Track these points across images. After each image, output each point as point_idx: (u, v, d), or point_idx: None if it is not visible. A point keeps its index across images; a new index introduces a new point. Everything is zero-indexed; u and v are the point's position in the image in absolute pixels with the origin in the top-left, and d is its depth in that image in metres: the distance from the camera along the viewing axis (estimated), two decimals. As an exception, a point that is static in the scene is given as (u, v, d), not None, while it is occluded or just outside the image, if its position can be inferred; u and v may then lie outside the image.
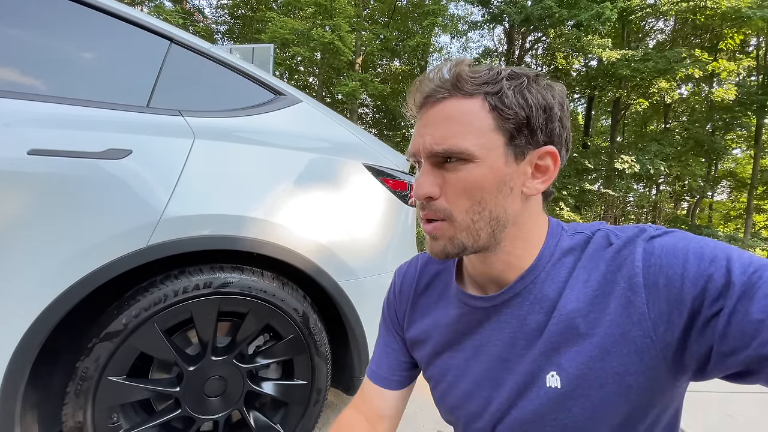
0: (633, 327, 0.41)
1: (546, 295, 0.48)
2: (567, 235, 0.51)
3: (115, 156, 1.00)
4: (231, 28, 15.54)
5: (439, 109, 0.46)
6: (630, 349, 0.41)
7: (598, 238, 0.48)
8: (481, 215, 0.45)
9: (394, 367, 0.65)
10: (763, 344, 0.33)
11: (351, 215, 1.35)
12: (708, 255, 0.39)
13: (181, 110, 1.16)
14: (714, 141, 12.37)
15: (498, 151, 0.45)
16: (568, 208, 11.90)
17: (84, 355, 0.97)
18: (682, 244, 0.41)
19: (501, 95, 0.44)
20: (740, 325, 0.35)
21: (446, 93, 0.45)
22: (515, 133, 0.45)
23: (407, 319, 0.63)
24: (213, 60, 1.29)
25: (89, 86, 1.13)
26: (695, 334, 0.38)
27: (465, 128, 0.44)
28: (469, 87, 0.45)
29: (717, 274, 0.37)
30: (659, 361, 0.40)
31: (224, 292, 1.09)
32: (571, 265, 0.48)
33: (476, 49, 15.58)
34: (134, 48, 1.21)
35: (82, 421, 0.97)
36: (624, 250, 0.44)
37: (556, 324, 0.46)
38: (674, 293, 0.39)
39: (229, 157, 1.18)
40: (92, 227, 0.96)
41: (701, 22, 11.01)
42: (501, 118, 0.44)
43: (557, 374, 0.45)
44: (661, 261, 0.41)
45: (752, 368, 0.35)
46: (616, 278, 0.43)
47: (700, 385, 1.99)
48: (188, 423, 1.11)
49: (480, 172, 0.44)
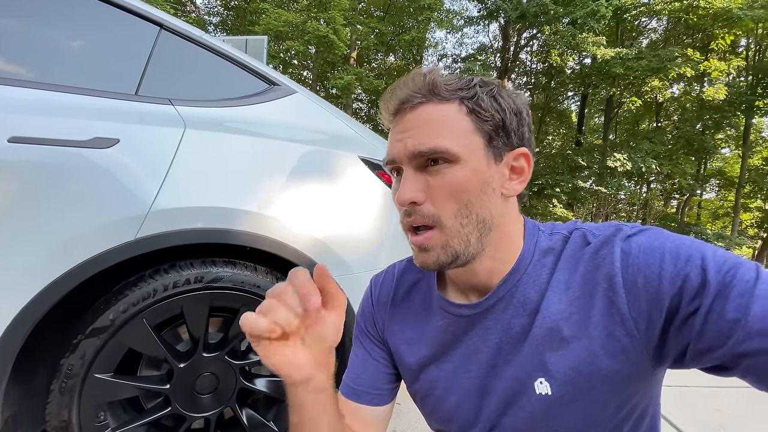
0: (617, 327, 0.42)
1: (529, 297, 0.48)
2: (544, 235, 0.51)
3: (102, 145, 0.96)
4: (224, 19, 15.29)
5: (417, 114, 0.46)
6: (616, 348, 0.42)
7: (576, 238, 0.48)
8: (469, 219, 0.45)
9: (376, 380, 0.60)
10: (738, 343, 0.35)
11: (346, 209, 1.32)
12: (684, 254, 0.40)
13: (172, 99, 1.12)
14: (704, 140, 12.54)
15: (479, 153, 0.45)
16: (561, 205, 12.00)
17: (69, 351, 0.94)
18: (658, 243, 0.42)
19: (477, 99, 0.45)
20: (716, 324, 0.36)
21: (423, 98, 0.45)
22: (493, 135, 0.46)
23: (387, 329, 0.60)
24: (205, 48, 1.25)
25: (75, 72, 1.08)
26: (673, 331, 0.39)
27: (446, 130, 0.44)
28: (444, 92, 0.45)
29: (693, 273, 0.38)
30: (643, 356, 0.42)
31: (216, 287, 1.06)
32: (551, 266, 0.48)
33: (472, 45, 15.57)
34: (122, 34, 1.16)
35: (67, 419, 0.94)
36: (602, 249, 0.45)
37: (539, 327, 0.46)
38: (653, 293, 0.40)
39: (222, 148, 1.14)
40: (77, 219, 0.92)
41: (694, 22, 11.11)
42: (479, 121, 0.45)
43: (546, 380, 0.45)
44: (639, 261, 0.41)
45: (727, 364, 0.37)
46: (596, 278, 0.44)
47: (689, 380, 2.01)
48: (179, 421, 1.08)
49: (464, 174, 0.44)
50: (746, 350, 0.35)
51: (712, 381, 2.01)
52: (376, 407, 0.59)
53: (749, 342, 0.34)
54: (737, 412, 1.77)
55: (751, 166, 13.99)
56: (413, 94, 0.46)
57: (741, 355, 0.35)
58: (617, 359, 0.42)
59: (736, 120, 12.18)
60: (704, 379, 2.06)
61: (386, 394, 0.60)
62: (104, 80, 1.08)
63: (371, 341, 0.62)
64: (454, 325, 0.53)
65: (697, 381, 2.03)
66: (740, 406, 1.83)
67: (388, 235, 1.40)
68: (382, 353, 0.61)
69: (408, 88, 0.46)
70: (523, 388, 0.47)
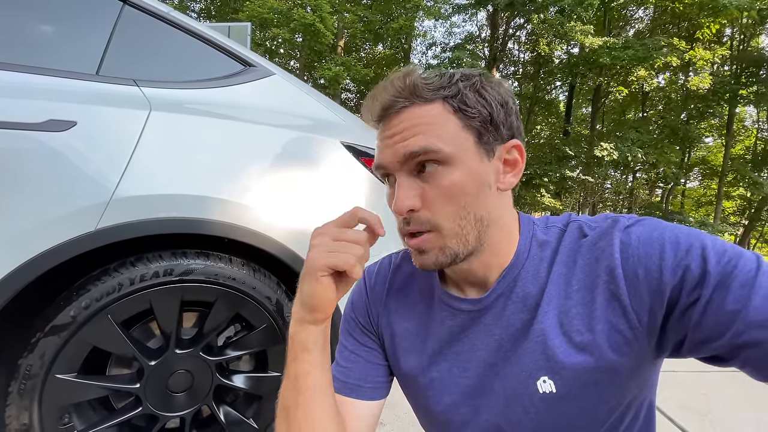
0: (619, 320, 0.41)
1: (529, 292, 0.47)
2: (540, 228, 0.50)
3: (57, 128, 0.88)
4: (206, 6, 14.86)
5: (403, 117, 0.44)
6: (620, 341, 0.41)
7: (572, 231, 0.48)
8: (467, 219, 0.44)
9: (368, 372, 0.57)
10: (738, 334, 0.34)
11: (328, 197, 1.26)
12: (684, 244, 0.39)
13: (136, 80, 1.05)
14: (688, 129, 12.71)
15: (471, 151, 0.44)
16: (549, 194, 12.10)
17: (27, 351, 0.87)
18: (657, 234, 0.41)
19: (461, 96, 0.44)
20: (716, 315, 0.36)
21: (406, 102, 0.44)
22: (482, 131, 0.45)
23: (382, 320, 0.58)
24: (173, 26, 1.17)
25: (30, 51, 1.00)
26: (673, 321, 0.39)
27: (435, 130, 0.43)
28: (427, 93, 0.44)
29: (694, 264, 0.38)
30: (645, 347, 0.41)
31: (187, 280, 1.00)
32: (549, 260, 0.47)
33: (460, 35, 15.41)
34: (82, 8, 1.07)
35: (28, 423, 0.87)
36: (600, 241, 0.44)
37: (541, 322, 0.45)
38: (654, 283, 0.39)
39: (191, 132, 1.07)
40: (31, 208, 0.85)
41: (680, 11, 11.18)
42: (466, 118, 0.44)
43: (549, 378, 0.44)
44: (639, 252, 0.41)
45: (725, 355, 0.37)
46: (596, 271, 0.43)
47: (675, 364, 2.03)
48: (151, 421, 1.02)
49: (460, 175, 0.43)
50: (745, 341, 0.34)
51: (698, 365, 2.03)
52: (369, 401, 0.56)
53: (748, 333, 0.34)
54: (724, 396, 1.79)
55: (734, 154, 14.27)
56: (395, 99, 0.44)
57: (740, 346, 0.35)
58: (621, 352, 0.41)
59: (719, 109, 12.37)
60: (690, 364, 2.08)
61: (379, 388, 0.57)
62: (62, 59, 1.00)
63: (363, 332, 0.59)
64: (453, 320, 0.51)
65: (684, 366, 2.05)
66: (727, 390, 1.85)
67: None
68: (375, 345, 0.58)
69: (389, 92, 0.45)
70: (525, 388, 0.45)
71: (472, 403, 0.50)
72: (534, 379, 0.45)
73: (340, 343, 0.60)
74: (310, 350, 0.46)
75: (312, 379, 0.46)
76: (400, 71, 0.46)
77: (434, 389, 0.52)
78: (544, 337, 0.44)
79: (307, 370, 0.45)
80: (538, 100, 15.57)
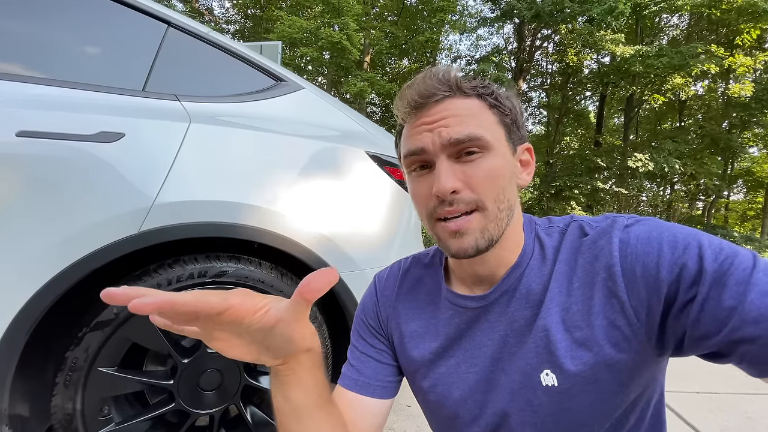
0: (617, 316, 0.42)
1: (532, 290, 0.48)
2: (542, 228, 0.52)
3: (107, 139, 0.96)
4: (241, 27, 15.63)
5: (444, 107, 0.46)
6: (618, 338, 0.42)
7: (573, 230, 0.49)
8: (504, 204, 0.47)
9: (379, 372, 0.59)
10: (734, 330, 0.35)
11: (353, 205, 1.30)
12: (681, 243, 0.40)
13: (178, 95, 1.13)
14: (730, 139, 12.05)
15: (504, 143, 0.48)
16: (580, 207, 11.72)
17: (74, 344, 0.94)
18: (656, 233, 0.42)
19: (495, 95, 0.48)
20: (713, 312, 0.36)
21: (447, 92, 0.47)
22: (511, 127, 0.49)
23: (392, 322, 0.60)
24: (212, 45, 1.26)
25: (84, 70, 1.10)
26: (672, 318, 0.40)
27: (476, 120, 0.46)
28: (466, 88, 0.47)
29: (690, 261, 0.39)
30: (646, 345, 0.42)
31: (220, 281, 1.05)
32: (552, 259, 0.49)
33: (486, 47, 15.42)
34: (131, 31, 1.17)
35: (72, 413, 0.94)
36: (600, 240, 0.46)
37: (544, 318, 0.46)
38: (651, 281, 0.40)
39: (227, 143, 1.13)
40: (82, 212, 0.92)
41: (717, 17, 10.73)
42: (501, 114, 0.48)
43: (552, 372, 0.45)
44: (637, 250, 0.42)
45: (723, 351, 0.37)
46: (595, 269, 0.45)
47: (717, 386, 1.90)
48: (183, 417, 1.07)
49: (498, 161, 0.46)
50: (742, 337, 0.35)
51: (741, 387, 1.91)
52: (379, 399, 0.57)
53: (744, 329, 0.35)
54: (770, 420, 1.66)
55: (782, 165, 13.37)
56: (437, 89, 0.46)
57: (736, 342, 0.35)
58: (620, 348, 0.42)
59: (763, 118, 11.67)
60: (733, 385, 1.95)
61: (389, 388, 0.59)
62: (112, 77, 1.10)
63: (373, 335, 0.61)
64: (459, 317, 0.53)
65: (726, 387, 1.92)
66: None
67: (395, 231, 1.37)
68: (385, 347, 0.61)
69: (431, 82, 0.47)
70: (529, 381, 0.46)
71: (480, 398, 0.51)
72: (537, 371, 0.46)
73: (351, 345, 0.63)
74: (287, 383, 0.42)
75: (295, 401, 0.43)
76: (439, 66, 0.49)
77: (443, 385, 0.54)
78: (547, 332, 0.45)
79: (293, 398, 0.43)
80: (567, 111, 15.24)
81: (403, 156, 0.50)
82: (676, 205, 15.99)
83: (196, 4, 13.18)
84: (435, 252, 0.61)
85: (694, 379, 2.02)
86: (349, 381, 0.58)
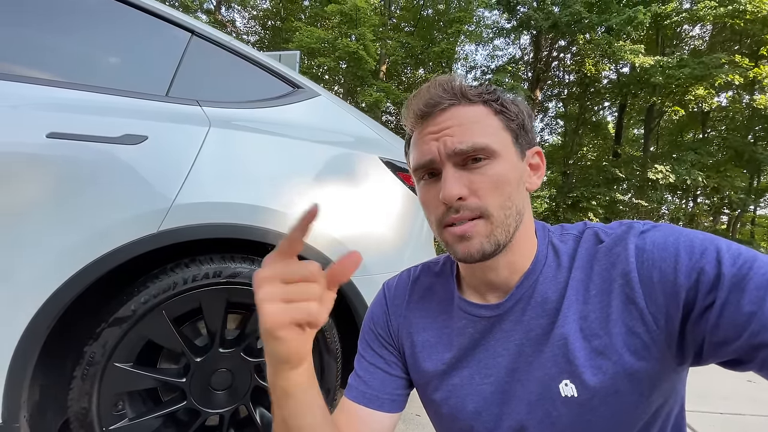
0: (636, 323, 0.42)
1: (548, 297, 0.47)
2: (555, 235, 0.52)
3: (131, 141, 1.00)
4: (261, 38, 16.05)
5: (449, 115, 0.47)
6: (637, 345, 0.42)
7: (588, 237, 0.49)
8: (511, 210, 0.46)
9: (387, 385, 0.57)
10: (754, 335, 0.35)
11: (366, 210, 1.31)
12: (698, 248, 0.40)
13: (199, 100, 1.16)
14: (756, 151, 11.64)
15: (510, 149, 0.48)
16: (598, 219, 11.47)
17: (93, 339, 0.96)
18: (672, 239, 0.42)
19: (501, 101, 0.48)
20: (732, 317, 0.36)
21: (452, 100, 0.47)
22: (519, 132, 0.49)
23: (403, 332, 0.58)
24: (233, 52, 1.30)
25: (111, 75, 1.15)
26: (690, 324, 0.39)
27: (481, 128, 0.46)
28: (471, 96, 0.47)
29: (708, 266, 0.38)
30: (665, 353, 0.41)
31: (234, 282, 1.07)
32: (567, 266, 0.48)
33: (503, 58, 15.40)
34: (157, 39, 1.22)
35: (87, 407, 0.96)
36: (616, 247, 0.45)
37: (561, 327, 0.45)
38: (669, 287, 0.40)
39: (245, 147, 1.16)
40: (104, 211, 0.95)
41: (741, 28, 10.48)
42: (507, 119, 0.48)
43: (571, 382, 0.44)
44: (654, 256, 0.42)
45: (743, 357, 0.37)
46: (612, 276, 0.44)
47: (744, 407, 1.82)
48: (194, 415, 1.08)
49: (504, 168, 0.46)
50: (762, 341, 0.34)
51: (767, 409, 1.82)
52: (386, 413, 0.56)
53: (764, 333, 0.34)
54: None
55: (812, 179, 12.85)
56: (442, 97, 0.47)
57: (756, 347, 0.35)
58: (639, 356, 0.42)
59: (792, 130, 11.28)
60: (762, 408, 1.86)
61: (398, 401, 0.57)
62: (138, 83, 1.14)
63: (383, 345, 0.60)
64: (473, 327, 0.52)
65: (753, 409, 1.84)
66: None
67: (407, 237, 1.37)
68: (394, 358, 0.59)
69: (435, 91, 0.47)
70: (547, 392, 0.45)
71: (495, 410, 0.49)
72: (556, 382, 0.45)
73: (358, 354, 0.61)
74: (293, 394, 0.43)
75: (300, 420, 0.44)
76: (443, 76, 0.49)
77: (456, 397, 0.52)
78: (566, 341, 0.44)
79: (293, 413, 0.44)
80: (585, 121, 15.04)
81: (412, 168, 0.51)
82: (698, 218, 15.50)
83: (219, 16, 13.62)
84: (445, 260, 0.60)
85: (718, 400, 1.94)
86: (356, 393, 0.56)
